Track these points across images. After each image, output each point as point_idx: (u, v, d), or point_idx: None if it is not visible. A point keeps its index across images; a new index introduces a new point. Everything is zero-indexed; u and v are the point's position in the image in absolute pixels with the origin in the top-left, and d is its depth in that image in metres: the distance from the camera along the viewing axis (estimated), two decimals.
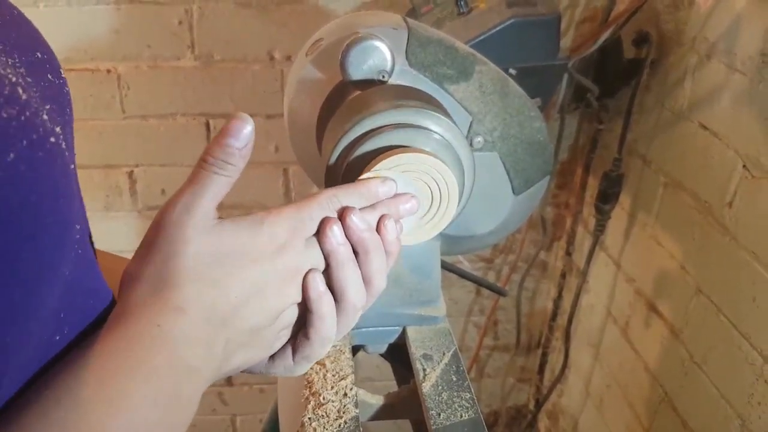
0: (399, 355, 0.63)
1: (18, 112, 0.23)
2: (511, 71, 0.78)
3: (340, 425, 0.49)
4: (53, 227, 0.25)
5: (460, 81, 0.55)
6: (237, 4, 1.06)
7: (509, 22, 0.78)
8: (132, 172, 1.20)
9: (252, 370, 0.39)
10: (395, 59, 0.50)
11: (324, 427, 0.49)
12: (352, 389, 0.53)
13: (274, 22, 1.07)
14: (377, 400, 0.58)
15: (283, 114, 0.64)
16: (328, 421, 0.49)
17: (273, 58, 1.10)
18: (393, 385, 0.64)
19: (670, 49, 0.98)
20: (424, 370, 0.56)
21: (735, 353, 0.83)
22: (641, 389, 1.10)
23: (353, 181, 0.43)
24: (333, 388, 0.52)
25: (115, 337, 0.30)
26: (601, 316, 1.24)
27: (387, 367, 0.69)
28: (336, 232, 0.36)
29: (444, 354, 0.58)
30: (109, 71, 1.10)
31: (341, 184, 0.40)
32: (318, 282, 0.37)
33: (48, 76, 0.29)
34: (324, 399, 0.51)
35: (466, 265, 1.37)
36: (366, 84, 0.51)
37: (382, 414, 0.59)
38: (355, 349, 0.63)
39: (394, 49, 0.51)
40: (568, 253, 1.34)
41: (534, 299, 1.45)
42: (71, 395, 0.28)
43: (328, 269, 0.37)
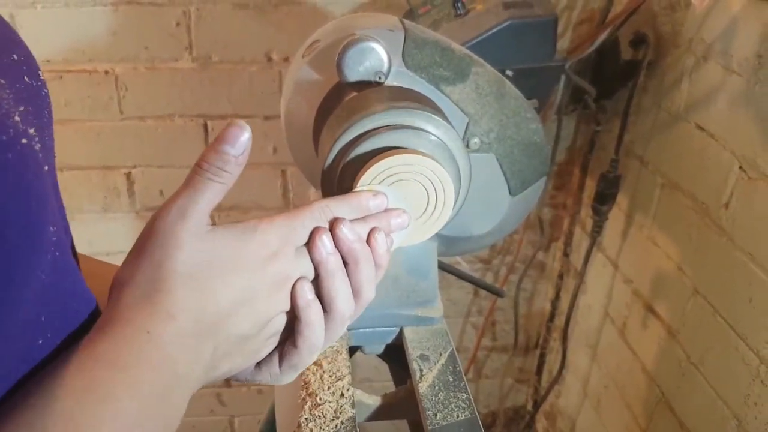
0: (396, 355, 0.63)
1: None
2: (508, 73, 0.78)
3: (337, 426, 0.49)
4: (24, 229, 0.25)
5: (457, 82, 0.55)
6: (234, 5, 1.06)
7: (506, 24, 0.78)
8: (130, 173, 1.20)
9: (238, 377, 0.39)
10: (392, 61, 0.51)
11: (321, 427, 0.49)
12: (348, 390, 0.53)
13: (271, 23, 1.07)
14: (374, 401, 0.58)
15: (280, 115, 0.64)
16: (325, 422, 0.49)
17: (270, 60, 1.11)
18: (391, 386, 0.64)
19: (667, 51, 0.98)
20: (421, 370, 0.56)
21: (731, 354, 0.84)
22: (638, 390, 1.10)
23: (350, 182, 0.43)
24: (330, 388, 0.53)
25: (103, 341, 0.30)
26: (599, 317, 1.25)
27: (385, 368, 0.69)
28: (326, 241, 0.37)
29: (441, 354, 0.58)
30: (106, 72, 1.10)
31: (338, 186, 0.40)
32: (306, 290, 0.37)
33: (24, 78, 0.29)
34: (321, 399, 0.51)
35: (464, 266, 1.37)
36: (362, 85, 0.51)
37: (379, 414, 0.59)
38: (352, 350, 0.63)
39: (391, 50, 0.51)
40: (566, 254, 1.34)
41: (532, 300, 1.45)
42: (57, 402, 0.28)
43: (318, 278, 0.38)
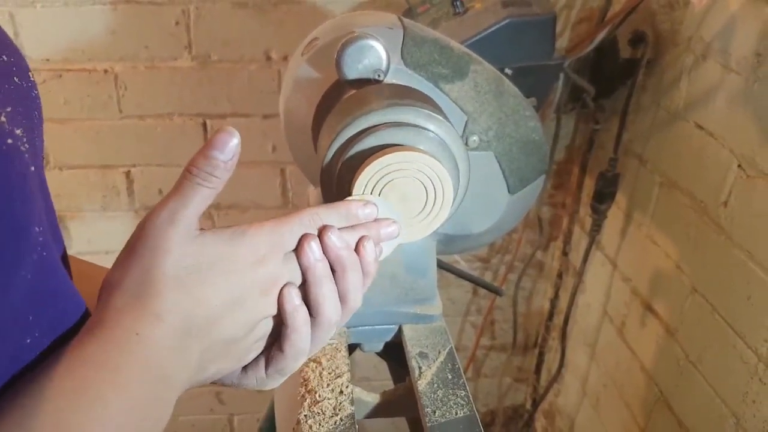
0: (395, 353, 0.63)
1: None
2: (507, 71, 0.78)
3: (336, 422, 0.49)
4: (6, 228, 0.25)
5: (456, 80, 0.56)
6: (234, 4, 1.06)
7: (505, 22, 0.78)
8: (129, 172, 1.20)
9: (224, 381, 0.40)
10: (391, 59, 0.51)
11: (320, 424, 0.49)
12: (347, 387, 0.53)
13: (270, 22, 1.07)
14: (373, 398, 0.58)
15: (279, 114, 0.64)
16: (324, 419, 0.49)
17: (270, 58, 1.11)
18: (390, 385, 0.64)
19: (666, 49, 0.98)
20: (420, 368, 0.56)
21: (730, 352, 0.84)
22: (637, 388, 1.10)
23: (349, 179, 0.43)
24: (329, 385, 0.53)
25: (92, 342, 0.30)
26: (598, 316, 1.25)
27: (383, 368, 0.69)
28: (314, 248, 0.37)
29: (440, 352, 0.58)
30: (106, 71, 1.10)
31: (338, 184, 0.40)
32: (293, 296, 0.37)
33: (14, 78, 0.29)
34: (320, 396, 0.51)
35: (463, 265, 1.37)
36: (361, 83, 0.51)
37: (378, 412, 0.59)
38: (351, 348, 0.63)
39: (390, 48, 0.51)
40: (565, 253, 1.34)
41: (531, 299, 1.45)
42: (47, 402, 0.28)
43: (305, 284, 0.38)
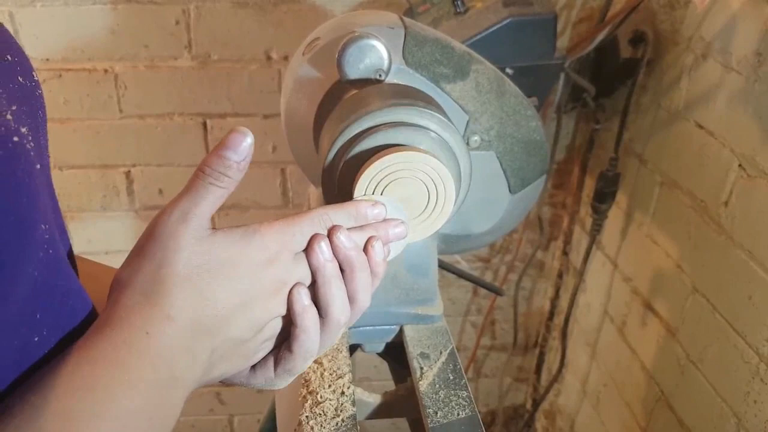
0: (396, 353, 0.63)
1: None
2: (508, 71, 0.78)
3: (338, 423, 0.49)
4: (12, 226, 0.25)
5: (457, 80, 0.55)
6: (234, 3, 1.06)
7: (506, 22, 0.78)
8: (129, 171, 1.20)
9: (232, 380, 0.40)
10: (392, 58, 0.51)
11: (321, 425, 0.49)
12: (349, 387, 0.53)
13: (271, 21, 1.07)
14: (374, 399, 0.58)
15: (280, 114, 0.64)
16: (326, 420, 0.49)
17: (270, 58, 1.10)
18: (391, 385, 0.64)
19: (667, 49, 0.98)
20: (421, 368, 0.56)
21: (731, 351, 0.84)
22: (638, 388, 1.10)
23: (351, 180, 0.43)
24: (330, 386, 0.53)
25: (102, 340, 0.30)
26: (598, 316, 1.25)
27: (385, 368, 0.69)
28: (324, 248, 0.37)
29: (441, 352, 0.58)
30: (106, 71, 1.10)
31: (339, 184, 0.40)
32: (303, 296, 0.37)
33: (18, 78, 0.29)
34: (321, 397, 0.51)
35: (464, 265, 1.37)
36: (363, 83, 0.51)
37: (380, 412, 0.59)
38: (353, 349, 0.63)
39: (391, 48, 0.51)
40: (565, 253, 1.34)
41: (531, 299, 1.45)
42: (56, 399, 0.28)
43: (315, 284, 0.38)
